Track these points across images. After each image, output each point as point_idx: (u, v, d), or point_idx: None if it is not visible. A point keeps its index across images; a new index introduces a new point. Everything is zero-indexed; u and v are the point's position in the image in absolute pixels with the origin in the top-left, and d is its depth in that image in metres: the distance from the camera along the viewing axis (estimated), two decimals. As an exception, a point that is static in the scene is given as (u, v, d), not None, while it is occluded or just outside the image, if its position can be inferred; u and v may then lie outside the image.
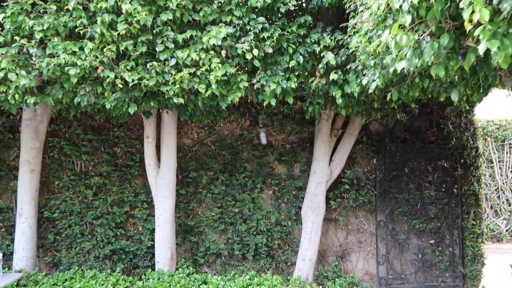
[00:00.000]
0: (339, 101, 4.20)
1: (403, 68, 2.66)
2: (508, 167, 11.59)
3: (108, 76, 3.71)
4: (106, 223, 5.21)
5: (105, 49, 3.65)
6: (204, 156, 5.60)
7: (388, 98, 3.79)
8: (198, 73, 3.83)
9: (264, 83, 4.07)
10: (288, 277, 5.47)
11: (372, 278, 5.83)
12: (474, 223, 5.88)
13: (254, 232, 5.49)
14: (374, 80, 3.55)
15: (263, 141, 5.64)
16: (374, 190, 5.75)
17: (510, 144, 11.50)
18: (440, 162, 5.83)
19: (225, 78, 3.89)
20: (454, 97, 3.01)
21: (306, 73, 4.33)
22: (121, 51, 3.73)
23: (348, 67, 3.99)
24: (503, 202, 10.49)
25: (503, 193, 10.69)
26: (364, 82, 3.49)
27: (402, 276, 5.74)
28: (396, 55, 2.83)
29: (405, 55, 2.58)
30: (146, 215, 5.32)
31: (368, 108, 4.92)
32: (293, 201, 5.66)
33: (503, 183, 10.66)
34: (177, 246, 5.39)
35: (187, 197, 5.51)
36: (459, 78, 3.08)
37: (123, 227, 5.32)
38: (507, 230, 10.27)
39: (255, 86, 4.10)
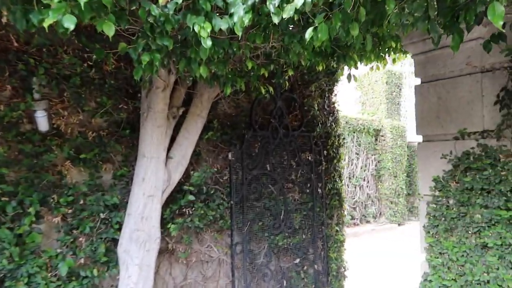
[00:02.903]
0: (207, 44, 2.15)
1: None
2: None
3: None
4: None
5: None
6: None
7: (307, 37, 1.99)
8: None
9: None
10: None
11: (223, 327, 4.00)
12: (338, 229, 4.78)
13: (25, 301, 2.86)
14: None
15: (43, 126, 3.00)
16: (227, 200, 3.91)
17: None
18: (304, 155, 4.46)
19: None
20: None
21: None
22: None
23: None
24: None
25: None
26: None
27: (264, 315, 4.12)
28: None
29: None
30: None
31: (235, 72, 3.06)
32: (102, 230, 3.25)
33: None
34: None
35: None
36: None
37: None
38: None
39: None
